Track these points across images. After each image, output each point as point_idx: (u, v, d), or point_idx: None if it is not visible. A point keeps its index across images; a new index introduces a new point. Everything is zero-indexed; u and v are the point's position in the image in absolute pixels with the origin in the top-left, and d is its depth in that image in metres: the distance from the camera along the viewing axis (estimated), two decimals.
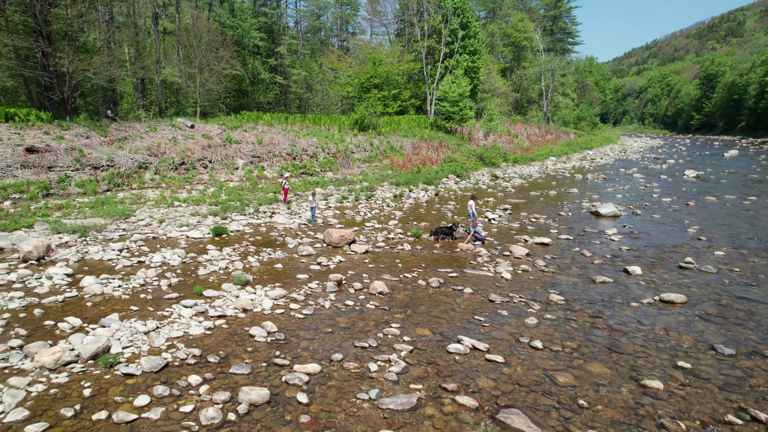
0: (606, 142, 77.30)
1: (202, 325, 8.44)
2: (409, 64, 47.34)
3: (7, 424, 5.74)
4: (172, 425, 5.73)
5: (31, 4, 23.47)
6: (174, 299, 9.68)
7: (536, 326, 8.53)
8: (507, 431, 5.61)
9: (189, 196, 21.01)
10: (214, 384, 6.61)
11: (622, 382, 6.73)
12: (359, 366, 7.11)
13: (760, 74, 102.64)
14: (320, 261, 12.34)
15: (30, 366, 7.02)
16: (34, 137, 21.98)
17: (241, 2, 58.90)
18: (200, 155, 25.17)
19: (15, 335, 8.00)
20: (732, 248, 13.64)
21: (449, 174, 30.32)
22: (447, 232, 14.69)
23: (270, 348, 7.68)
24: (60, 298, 9.67)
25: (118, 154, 22.90)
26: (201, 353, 7.45)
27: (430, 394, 6.40)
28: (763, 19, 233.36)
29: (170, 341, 7.85)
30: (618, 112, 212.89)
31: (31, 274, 11.16)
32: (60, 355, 7.14)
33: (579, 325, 8.59)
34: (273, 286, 10.41)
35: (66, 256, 12.70)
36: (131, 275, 11.14)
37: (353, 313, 9.13)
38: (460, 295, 10.10)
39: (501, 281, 11.02)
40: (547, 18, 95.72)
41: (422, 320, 8.78)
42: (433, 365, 7.16)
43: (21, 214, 16.73)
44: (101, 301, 9.62)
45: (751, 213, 18.99)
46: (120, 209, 18.14)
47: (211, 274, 11.29)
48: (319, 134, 32.37)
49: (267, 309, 9.22)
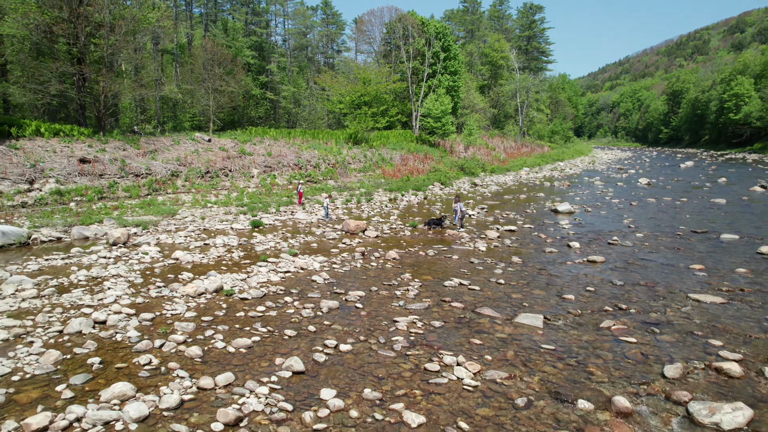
0: (577, 154, 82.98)
1: (277, 275, 12.50)
2: (396, 84, 51.92)
3: (188, 318, 9.71)
4: (285, 317, 9.77)
5: (76, 36, 27.32)
6: (248, 263, 13.69)
7: (501, 274, 12.79)
8: (480, 316, 9.80)
9: (217, 199, 24.92)
10: (301, 302, 10.67)
11: (551, 296, 10.99)
12: (389, 293, 11.25)
13: (720, 91, 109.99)
14: (344, 242, 16.47)
15: (178, 295, 10.99)
16: (81, 149, 25.73)
17: (234, 22, 63.10)
18: (221, 165, 29.11)
19: (154, 282, 11.93)
20: (650, 232, 18.18)
21: (434, 182, 34.68)
22: (438, 223, 18.96)
23: (328, 286, 11.76)
24: (165, 264, 13.60)
25: (153, 164, 26.74)
26: (284, 289, 11.50)
27: (434, 302, 10.58)
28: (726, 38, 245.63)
29: (260, 284, 11.87)
30: (593, 126, 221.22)
31: (129, 252, 15.03)
32: (196, 288, 11.13)
33: (529, 273, 12.87)
34: (316, 256, 14.49)
35: (146, 241, 16.59)
36: (205, 252, 15.09)
37: (377, 269, 13.27)
38: (450, 259, 14.32)
39: (478, 252, 15.29)
40: (522, 38, 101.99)
41: (425, 272, 12.97)
42: (435, 291, 11.34)
43: (88, 213, 20.47)
44: (195, 265, 13.56)
45: (677, 210, 23.70)
46: (165, 209, 21.97)
47: (266, 251, 15.31)
48: (319, 147, 36.55)
49: (317, 267, 13.31)
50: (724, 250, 15.35)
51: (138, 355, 7.91)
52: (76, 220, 18.98)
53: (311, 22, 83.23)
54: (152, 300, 10.64)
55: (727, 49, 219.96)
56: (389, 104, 52.27)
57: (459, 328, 9.22)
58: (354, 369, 7.58)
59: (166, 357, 7.91)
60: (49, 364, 7.58)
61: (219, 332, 8.91)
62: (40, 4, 25.79)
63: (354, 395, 6.79)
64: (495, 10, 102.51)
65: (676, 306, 10.35)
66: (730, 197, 27.85)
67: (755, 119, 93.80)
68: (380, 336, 8.80)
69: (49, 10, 25.67)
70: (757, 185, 32.47)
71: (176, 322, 9.26)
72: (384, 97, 51.63)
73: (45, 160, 23.69)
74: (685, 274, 12.76)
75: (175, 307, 10.13)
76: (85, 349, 8.11)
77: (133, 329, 8.94)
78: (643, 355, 8.06)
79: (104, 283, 11.65)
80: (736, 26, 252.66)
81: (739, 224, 19.63)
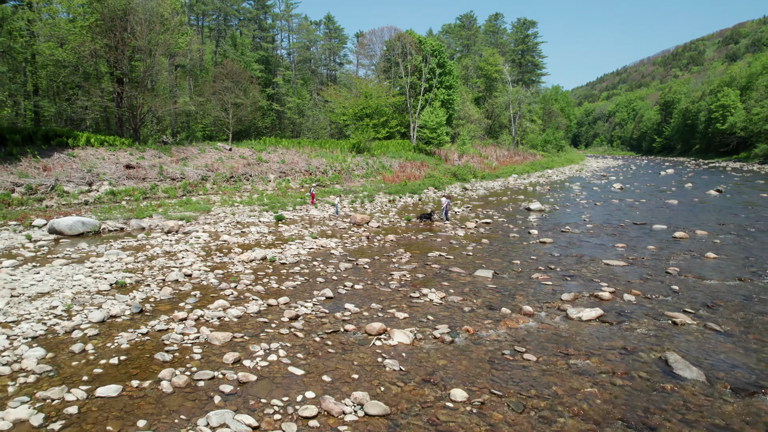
0: (568, 162, 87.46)
1: (304, 250, 16.80)
2: (395, 98, 56.42)
3: (247, 273, 13.96)
4: (315, 273, 14.02)
5: (118, 60, 31.82)
6: (280, 243, 17.99)
7: (471, 249, 17.10)
8: (450, 272, 14.05)
9: (242, 200, 29.23)
10: (324, 265, 14.94)
11: (504, 262, 15.26)
12: (387, 260, 15.54)
13: (709, 102, 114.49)
14: (352, 230, 20.79)
15: (235, 261, 15.26)
16: (124, 157, 30.10)
17: (243, 37, 67.78)
18: (243, 171, 33.50)
19: (214, 254, 16.22)
20: (599, 224, 22.50)
21: (429, 186, 39.00)
22: (428, 216, 23.26)
23: (343, 256, 16.05)
24: (216, 243, 17.89)
25: (186, 169, 31.13)
26: (311, 258, 15.79)
27: (419, 265, 14.89)
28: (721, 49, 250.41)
29: (293, 255, 16.16)
30: (589, 135, 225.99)
31: (184, 236, 19.31)
32: (248, 256, 15.42)
33: (492, 249, 17.17)
34: (331, 239, 18.80)
35: (195, 229, 20.88)
36: (245, 236, 19.37)
37: (379, 247, 17.57)
38: (434, 241, 18.63)
39: (457, 237, 19.60)
40: (517, 51, 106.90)
41: (415, 249, 17.26)
42: (421, 259, 15.64)
43: (139, 210, 24.76)
44: (240, 245, 17.84)
45: (633, 209, 28.01)
46: (201, 207, 26.27)
47: (292, 235, 19.61)
48: (326, 155, 40.97)
49: (333, 246, 17.60)
50: (648, 235, 19.67)
51: (222, 291, 12.19)
52: (131, 215, 23.26)
53: (314, 36, 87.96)
54: (218, 264, 14.94)
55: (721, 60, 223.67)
56: (389, 116, 56.73)
57: (434, 278, 13.52)
58: (364, 296, 11.87)
59: (241, 292, 12.19)
60: (168, 294, 11.87)
61: (272, 280, 13.21)
62: (93, 34, 30.29)
63: (365, 307, 11.08)
64: (490, 25, 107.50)
65: (591, 268, 14.65)
66: (684, 199, 32.18)
67: (740, 129, 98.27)
68: (381, 281, 13.10)
69: (100, 39, 30.18)
70: (713, 189, 36.80)
71: (241, 275, 13.55)
72: (384, 110, 56.09)
73: (97, 166, 28.06)
74: (609, 250, 17.08)
75: (237, 267, 14.42)
76: (186, 288, 12.39)
77: (213, 278, 13.23)
78: (552, 290, 12.35)
79: (178, 254, 15.94)
80: (730, 37, 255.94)
81: (675, 219, 23.94)
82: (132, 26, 31.73)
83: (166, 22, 33.83)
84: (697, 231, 20.33)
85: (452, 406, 7.02)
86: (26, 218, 21.22)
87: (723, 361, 8.43)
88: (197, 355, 8.48)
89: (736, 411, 6.92)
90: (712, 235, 19.44)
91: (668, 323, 10.18)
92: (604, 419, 6.68)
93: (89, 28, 30.39)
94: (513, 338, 9.42)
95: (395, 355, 8.60)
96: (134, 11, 31.60)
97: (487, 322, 10.21)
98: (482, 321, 10.28)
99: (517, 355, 8.67)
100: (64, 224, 19.81)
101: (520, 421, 6.65)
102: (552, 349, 8.90)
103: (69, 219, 20.18)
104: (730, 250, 16.90)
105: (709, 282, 13.16)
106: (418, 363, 8.34)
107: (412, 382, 7.70)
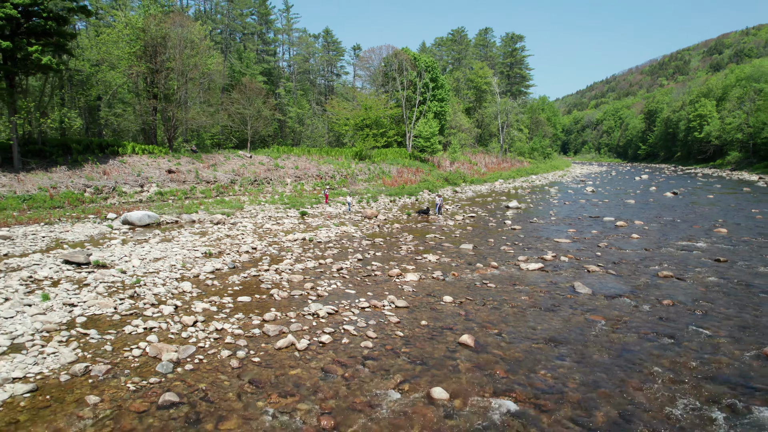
0: (552, 169, 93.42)
1: (332, 234, 22.14)
2: (393, 110, 62.00)
3: (295, 249, 19.28)
4: (344, 248, 19.36)
5: (158, 80, 37.12)
6: (311, 230, 23.30)
7: (458, 233, 22.53)
8: (443, 246, 19.45)
9: (266, 200, 34.49)
10: (349, 243, 20.28)
11: (482, 240, 20.68)
12: (395, 240, 20.92)
13: (688, 112, 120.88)
14: (365, 221, 26.16)
15: (284, 240, 20.56)
16: (165, 163, 35.33)
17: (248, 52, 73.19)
18: (264, 175, 38.81)
19: (265, 237, 21.49)
20: (562, 217, 28.03)
21: (424, 189, 44.44)
22: (425, 212, 28.69)
23: (362, 238, 21.39)
24: (261, 230, 23.18)
25: (217, 174, 36.41)
26: (338, 239, 21.13)
27: (420, 242, 20.31)
28: (705, 59, 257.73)
29: (325, 236, 21.47)
30: (578, 143, 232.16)
31: (232, 226, 24.56)
32: (293, 237, 20.74)
33: (474, 233, 22.62)
34: (350, 227, 24.15)
35: (239, 221, 26.13)
36: (280, 226, 24.65)
37: (388, 232, 22.94)
38: (430, 228, 24.04)
39: (448, 225, 25.02)
40: (505, 64, 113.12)
41: (416, 233, 22.65)
42: (421, 239, 21.03)
43: (186, 206, 29.94)
44: (281, 230, 23.13)
45: (595, 207, 33.59)
46: (235, 205, 31.49)
47: (319, 225, 24.90)
48: (333, 162, 46.37)
49: (353, 231, 22.95)
50: (597, 224, 25.22)
51: (284, 257, 17.50)
52: (180, 211, 28.48)
53: (313, 48, 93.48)
54: (271, 242, 20.27)
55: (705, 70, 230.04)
56: (387, 127, 62.27)
57: (431, 249, 18.93)
58: (383, 258, 17.25)
59: (298, 256, 17.50)
60: (246, 258, 17.18)
61: (316, 250, 18.56)
62: (137, 59, 35.61)
63: (385, 263, 16.45)
64: (480, 39, 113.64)
65: (545, 244, 20.12)
66: (641, 199, 37.86)
67: (715, 138, 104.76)
68: (394, 251, 18.51)
69: (146, 64, 35.49)
70: (670, 192, 42.55)
71: (292, 248, 18.88)
72: (383, 121, 61.63)
73: (144, 171, 33.27)
74: (562, 233, 22.58)
75: (286, 244, 19.75)
76: (257, 256, 17.68)
77: (273, 250, 18.54)
78: (513, 255, 17.80)
79: (237, 237, 21.22)
80: (714, 47, 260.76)
81: (625, 214, 29.53)
82: (169, 51, 37.06)
83: (195, 47, 39.19)
84: (635, 221, 25.92)
85: (443, 303, 12.42)
86: (101, 213, 26.38)
87: (606, 286, 13.89)
88: (286, 285, 13.82)
89: (603, 305, 12.35)
90: (645, 224, 25.02)
91: (584, 271, 15.65)
92: (528, 308, 12.09)
93: (135, 53, 35.71)
94: (482, 277, 14.85)
95: (409, 285, 13.98)
96: (170, 38, 36.95)
97: (466, 271, 15.63)
98: (463, 270, 15.70)
99: (483, 284, 14.10)
100: (135, 217, 24.97)
101: (482, 309, 12.05)
102: (506, 282, 14.34)
103: (138, 213, 25.36)
104: (652, 233, 22.47)
105: (624, 251, 18.66)
106: (423, 288, 13.75)
107: (420, 294, 13.10)
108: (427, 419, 7.19)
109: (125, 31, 35.36)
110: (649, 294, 13.21)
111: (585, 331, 10.62)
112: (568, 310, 11.96)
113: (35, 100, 29.93)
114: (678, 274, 15.27)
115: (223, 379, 8.39)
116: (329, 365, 8.91)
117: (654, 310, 11.96)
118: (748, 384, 8.24)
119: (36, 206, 25.99)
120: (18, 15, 25.55)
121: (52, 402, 7.65)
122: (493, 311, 11.88)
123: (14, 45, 25.82)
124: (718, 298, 12.84)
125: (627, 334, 10.41)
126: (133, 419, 7.21)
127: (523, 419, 7.24)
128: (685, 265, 16.40)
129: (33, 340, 9.90)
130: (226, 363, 8.98)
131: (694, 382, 8.33)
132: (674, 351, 9.58)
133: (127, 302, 12.07)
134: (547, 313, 11.72)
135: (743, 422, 7.16)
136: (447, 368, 8.79)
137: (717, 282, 14.38)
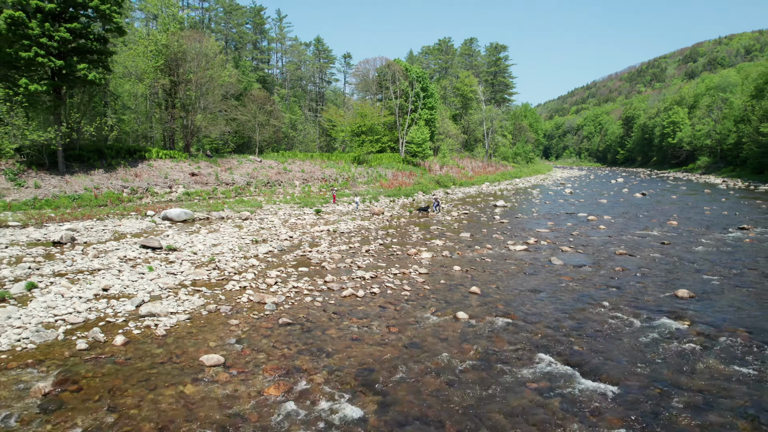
0: (535, 172, 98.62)
1: (350, 226, 26.22)
2: (386, 118, 66.31)
3: (324, 237, 23.34)
4: (363, 236, 23.47)
5: (177, 91, 40.86)
6: (330, 223, 27.33)
7: (457, 226, 26.80)
8: (445, 236, 23.67)
9: (280, 200, 38.39)
10: (367, 233, 24.40)
11: (476, 230, 24.97)
12: (405, 231, 25.09)
13: (663, 119, 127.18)
14: (375, 217, 30.29)
15: (312, 231, 24.60)
16: (186, 167, 39.04)
17: (244, 60, 76.98)
18: (275, 178, 42.72)
19: (296, 229, 25.49)
20: (542, 213, 32.51)
21: (418, 191, 48.70)
22: (425, 209, 32.95)
23: (376, 229, 25.52)
24: (289, 223, 27.16)
25: (234, 176, 40.24)
26: (356, 230, 25.23)
27: (425, 232, 24.53)
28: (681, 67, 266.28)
29: (346, 228, 25.55)
30: (559, 147, 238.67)
31: (262, 219, 28.48)
32: (319, 228, 24.77)
33: (471, 225, 26.91)
34: (363, 221, 28.25)
35: (265, 216, 30.06)
36: (302, 220, 28.63)
37: (396, 225, 27.11)
38: (432, 222, 28.27)
39: (445, 220, 29.29)
40: (489, 73, 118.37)
41: (420, 225, 26.85)
42: (425, 230, 25.25)
43: (212, 205, 33.71)
44: (302, 224, 27.13)
45: (572, 205, 38.20)
46: (254, 204, 35.35)
47: (335, 220, 28.94)
48: (335, 166, 50.44)
49: (367, 225, 27.07)
50: (572, 219, 29.73)
51: (319, 243, 21.54)
52: (209, 209, 32.28)
53: (304, 56, 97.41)
54: (302, 233, 24.28)
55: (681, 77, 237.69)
56: (381, 133, 66.51)
57: (437, 237, 23.13)
58: (400, 244, 21.42)
59: (330, 241, 21.54)
60: (288, 244, 21.18)
61: (342, 238, 22.63)
62: (160, 72, 39.34)
63: (402, 247, 20.61)
64: (466, 48, 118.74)
65: (528, 233, 24.47)
66: (613, 199, 42.64)
67: (686, 144, 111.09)
68: (406, 238, 22.68)
69: (169, 77, 39.24)
70: (639, 193, 47.47)
71: (322, 236, 22.94)
72: (377, 128, 65.88)
73: (169, 174, 36.96)
74: (542, 225, 26.99)
75: (317, 234, 23.79)
76: (295, 242, 21.69)
77: (308, 238, 22.57)
78: (503, 240, 22.10)
79: (271, 228, 25.18)
80: (689, 56, 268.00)
81: (597, 210, 34.14)
82: (188, 64, 40.85)
83: (211, 60, 43.01)
84: (605, 216, 30.51)
85: (454, 271, 16.66)
86: (140, 210, 30.06)
87: (574, 260, 18.26)
88: (330, 260, 17.90)
89: (571, 271, 16.68)
90: (612, 219, 29.60)
91: (559, 251, 20.02)
92: (517, 273, 16.37)
93: (159, 67, 39.46)
94: (480, 255, 19.11)
95: (425, 260, 18.16)
96: (188, 53, 40.75)
97: (467, 251, 19.90)
98: (465, 250, 19.96)
99: (482, 259, 18.36)
100: (173, 213, 28.73)
101: (483, 274, 16.30)
102: (499, 258, 18.62)
103: (176, 210, 29.12)
104: (617, 225, 27.02)
105: (591, 238, 23.11)
106: (436, 262, 17.96)
107: (435, 266, 17.32)
108: (456, 327, 11.39)
109: (150, 47, 39.06)
110: (606, 264, 17.61)
111: (557, 285, 14.94)
112: (546, 274, 16.27)
113: (78, 111, 33.48)
114: (630, 252, 19.72)
115: (314, 312, 12.47)
116: (384, 304, 13.06)
117: (608, 273, 16.34)
118: (660, 309, 12.62)
119: (84, 204, 29.59)
120: (70, 37, 29.22)
121: (206, 324, 11.64)
122: (491, 275, 16.13)
123: (66, 63, 29.46)
124: (656, 267, 17.29)
125: (586, 287, 14.75)
126: (265, 331, 11.26)
127: (516, 327, 11.47)
128: (637, 247, 20.89)
129: (164, 293, 13.85)
130: (311, 305, 13.06)
131: (627, 310, 12.66)
132: (616, 295, 13.93)
133: (214, 272, 16.04)
134: (530, 276, 16.03)
135: (652, 325, 11.48)
136: (464, 304, 13.00)
137: (659, 257, 18.86)
